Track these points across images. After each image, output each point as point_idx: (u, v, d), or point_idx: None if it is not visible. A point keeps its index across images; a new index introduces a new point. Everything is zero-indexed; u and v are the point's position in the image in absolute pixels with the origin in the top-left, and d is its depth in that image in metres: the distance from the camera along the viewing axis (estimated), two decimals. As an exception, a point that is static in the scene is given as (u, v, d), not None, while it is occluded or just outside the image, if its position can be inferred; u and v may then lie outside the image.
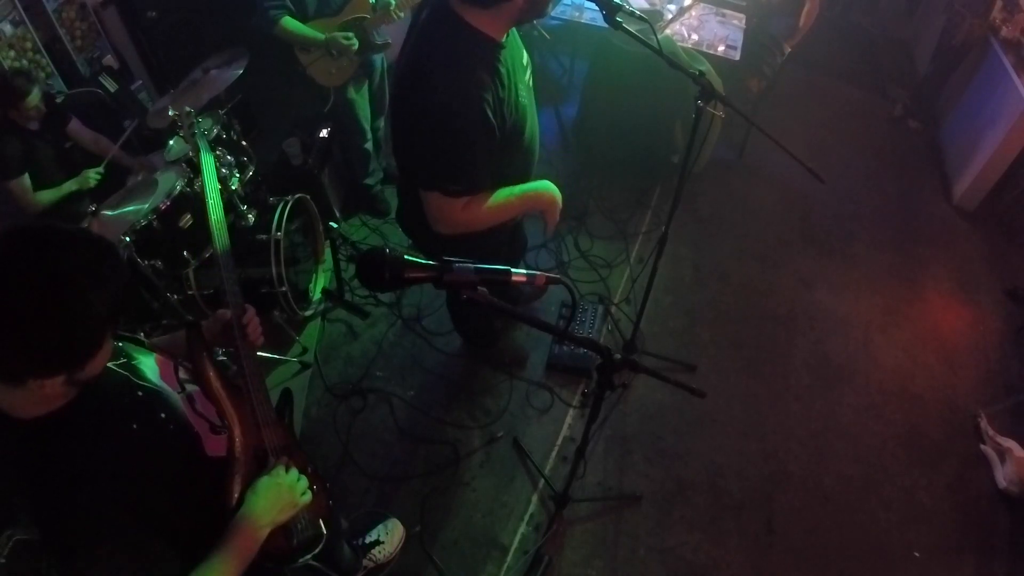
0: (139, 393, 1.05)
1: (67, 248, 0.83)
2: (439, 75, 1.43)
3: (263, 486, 1.12)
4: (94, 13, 3.10)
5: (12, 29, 2.76)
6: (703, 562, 2.24)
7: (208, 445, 1.14)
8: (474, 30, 1.42)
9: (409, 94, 1.52)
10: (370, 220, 3.33)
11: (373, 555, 2.08)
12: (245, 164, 2.71)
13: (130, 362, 1.09)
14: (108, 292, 0.84)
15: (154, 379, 1.11)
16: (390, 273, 0.96)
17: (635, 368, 1.34)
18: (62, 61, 2.99)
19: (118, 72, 3.27)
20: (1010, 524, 2.42)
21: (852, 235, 3.50)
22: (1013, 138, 3.34)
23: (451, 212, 1.56)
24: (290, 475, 1.16)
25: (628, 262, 3.20)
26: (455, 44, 1.42)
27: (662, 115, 3.34)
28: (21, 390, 0.84)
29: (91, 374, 0.89)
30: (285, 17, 2.52)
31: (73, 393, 0.91)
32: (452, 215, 1.57)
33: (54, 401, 0.90)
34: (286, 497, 1.14)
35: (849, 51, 4.94)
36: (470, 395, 2.65)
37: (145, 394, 1.06)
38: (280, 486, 1.13)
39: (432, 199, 1.55)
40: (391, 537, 2.15)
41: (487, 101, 1.43)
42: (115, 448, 0.95)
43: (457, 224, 1.60)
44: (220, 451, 1.16)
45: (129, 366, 1.08)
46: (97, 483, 0.90)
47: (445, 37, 1.44)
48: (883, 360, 2.91)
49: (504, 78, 1.49)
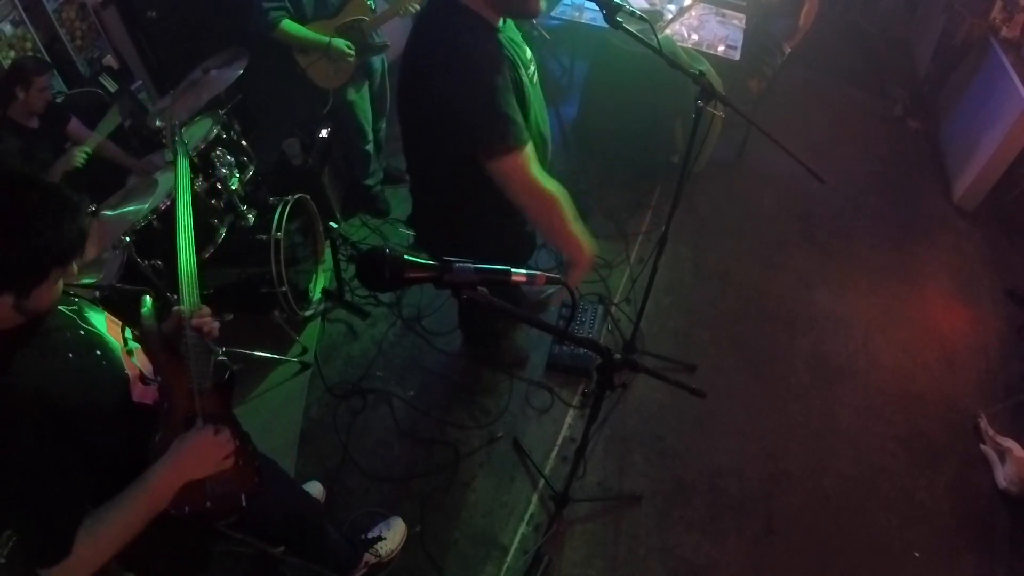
0: (81, 332, 1.15)
1: (32, 187, 1.00)
2: (449, 48, 1.44)
3: (188, 438, 1.19)
4: (94, 13, 3.10)
5: (12, 29, 2.76)
6: (703, 562, 2.24)
7: (135, 391, 1.21)
8: (471, 12, 1.45)
9: (416, 88, 1.53)
10: (370, 220, 3.33)
11: (375, 550, 2.09)
12: (245, 164, 2.71)
13: (80, 310, 1.21)
14: (58, 233, 1.00)
15: (100, 327, 1.22)
16: (390, 273, 0.96)
17: (635, 368, 1.34)
18: (62, 61, 2.99)
19: (118, 72, 3.26)
20: (1010, 524, 2.42)
21: (852, 235, 3.50)
22: (1013, 138, 3.35)
23: (524, 171, 1.49)
24: (219, 436, 1.22)
25: (628, 262, 3.21)
26: (454, 22, 1.45)
27: (662, 115, 3.34)
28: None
29: (38, 306, 1.03)
30: (285, 19, 2.52)
31: (21, 320, 1.03)
32: (526, 175, 1.50)
33: (2, 323, 1.02)
34: (208, 453, 1.20)
35: (849, 51, 4.95)
36: (470, 395, 2.65)
37: (87, 334, 1.16)
38: (205, 441, 1.20)
39: (501, 171, 1.49)
40: (393, 534, 2.16)
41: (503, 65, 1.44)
42: (48, 368, 1.05)
43: (532, 187, 1.52)
44: (147, 399, 1.24)
45: (79, 312, 1.20)
46: (26, 396, 1.00)
47: (444, 18, 1.47)
48: (883, 360, 2.91)
49: (509, 56, 1.50)
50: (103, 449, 1.12)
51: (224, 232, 2.57)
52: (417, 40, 1.54)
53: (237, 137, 2.72)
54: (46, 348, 1.07)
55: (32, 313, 1.04)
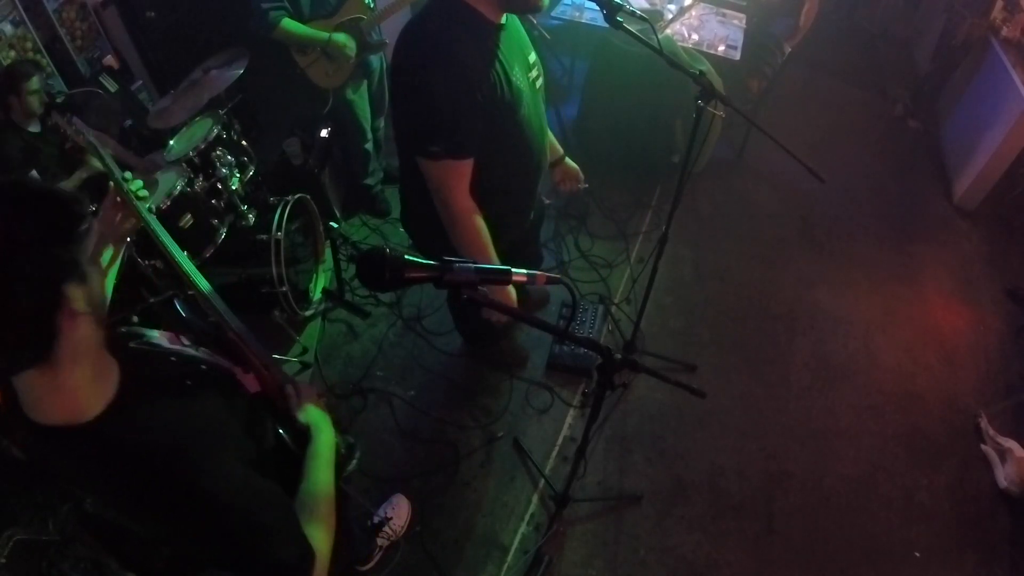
0: (172, 358, 1.07)
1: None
2: (420, 41, 1.45)
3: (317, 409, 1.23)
4: (94, 13, 3.10)
5: (12, 29, 2.76)
6: (703, 562, 2.24)
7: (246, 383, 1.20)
8: (470, 7, 1.44)
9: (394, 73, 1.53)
10: (370, 220, 3.33)
11: (385, 532, 2.12)
12: (245, 164, 2.72)
13: (146, 338, 1.11)
14: None
15: (169, 344, 1.14)
16: (390, 273, 0.96)
17: (635, 368, 1.34)
18: (62, 61, 2.99)
19: (118, 72, 3.27)
20: (1010, 524, 2.42)
21: (852, 235, 3.50)
22: (1013, 138, 3.34)
23: (440, 180, 1.52)
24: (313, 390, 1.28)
25: (628, 262, 3.20)
26: (444, 16, 1.44)
27: (662, 115, 3.34)
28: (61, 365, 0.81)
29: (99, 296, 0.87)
30: (285, 19, 2.52)
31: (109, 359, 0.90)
32: (442, 183, 1.53)
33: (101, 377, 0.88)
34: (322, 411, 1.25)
35: (849, 51, 4.94)
36: (470, 395, 2.65)
37: (175, 356, 1.09)
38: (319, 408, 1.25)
39: (423, 167, 1.52)
40: (398, 511, 2.21)
41: (469, 66, 1.42)
42: (187, 408, 0.96)
43: (448, 200, 1.55)
44: (254, 387, 1.22)
45: (148, 342, 1.10)
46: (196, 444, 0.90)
47: (437, 10, 1.46)
48: (883, 360, 2.91)
49: (499, 55, 1.49)
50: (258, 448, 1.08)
51: (224, 232, 2.57)
52: (404, 33, 1.52)
53: (237, 137, 2.73)
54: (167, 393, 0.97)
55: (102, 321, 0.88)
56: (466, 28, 1.44)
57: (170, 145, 2.60)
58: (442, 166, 1.50)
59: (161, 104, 2.61)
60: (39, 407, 0.85)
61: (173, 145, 2.60)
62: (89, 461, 0.88)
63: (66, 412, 0.85)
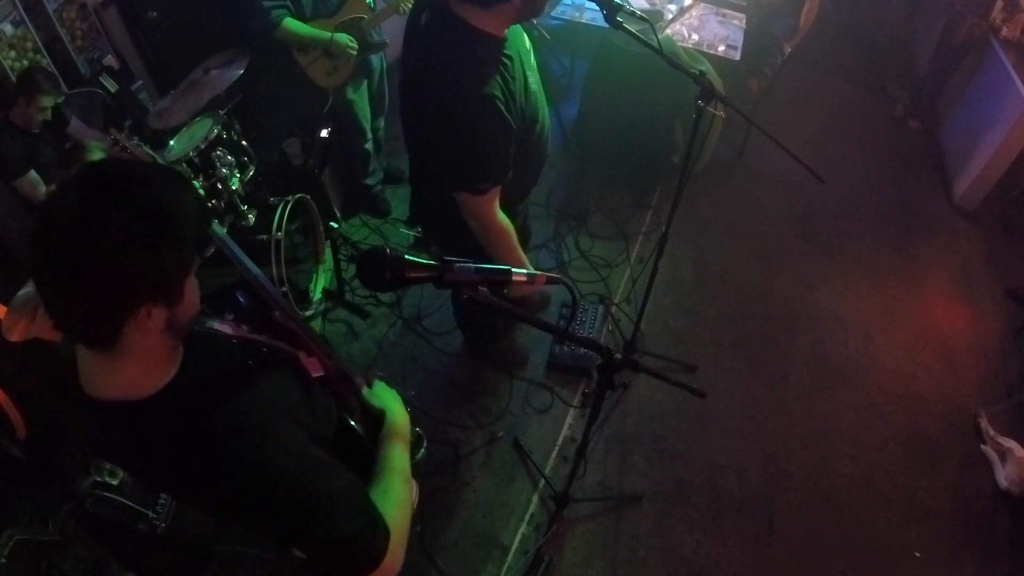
0: (233, 340, 1.04)
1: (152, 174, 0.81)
2: (441, 77, 1.44)
3: (388, 390, 1.24)
4: (94, 13, 3.09)
5: (12, 29, 2.76)
6: (703, 562, 2.24)
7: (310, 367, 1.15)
8: (476, 30, 1.43)
9: (414, 99, 1.55)
10: (370, 220, 3.33)
11: None
12: (245, 164, 2.71)
13: (207, 325, 1.08)
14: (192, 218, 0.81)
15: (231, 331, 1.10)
16: (391, 273, 0.96)
17: (635, 368, 1.34)
18: (62, 61, 2.99)
19: (118, 72, 3.26)
20: (1010, 524, 2.42)
21: (852, 235, 3.50)
22: (1013, 138, 3.34)
23: (483, 209, 1.60)
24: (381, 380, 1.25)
25: (628, 262, 3.20)
26: (456, 45, 1.44)
27: (662, 115, 3.34)
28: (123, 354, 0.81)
29: (185, 315, 0.86)
30: (287, 18, 2.52)
31: (175, 346, 0.89)
32: (485, 212, 1.61)
33: (163, 363, 0.87)
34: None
35: (849, 51, 4.94)
36: (470, 395, 2.65)
37: (237, 339, 1.06)
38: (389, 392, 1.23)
39: (462, 200, 1.59)
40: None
41: (496, 97, 1.44)
42: (249, 384, 0.93)
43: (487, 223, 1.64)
44: (317, 371, 1.15)
45: (209, 327, 1.07)
46: (258, 417, 0.88)
47: (447, 39, 1.45)
48: (883, 360, 2.91)
49: (512, 70, 1.50)
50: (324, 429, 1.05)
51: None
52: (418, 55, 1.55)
53: (237, 137, 2.72)
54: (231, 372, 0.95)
55: (183, 327, 0.87)
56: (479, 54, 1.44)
57: (170, 145, 2.60)
58: (486, 198, 1.57)
59: (161, 104, 2.61)
60: (94, 383, 0.85)
61: (173, 145, 2.60)
62: (144, 436, 0.86)
63: (122, 391, 0.85)
